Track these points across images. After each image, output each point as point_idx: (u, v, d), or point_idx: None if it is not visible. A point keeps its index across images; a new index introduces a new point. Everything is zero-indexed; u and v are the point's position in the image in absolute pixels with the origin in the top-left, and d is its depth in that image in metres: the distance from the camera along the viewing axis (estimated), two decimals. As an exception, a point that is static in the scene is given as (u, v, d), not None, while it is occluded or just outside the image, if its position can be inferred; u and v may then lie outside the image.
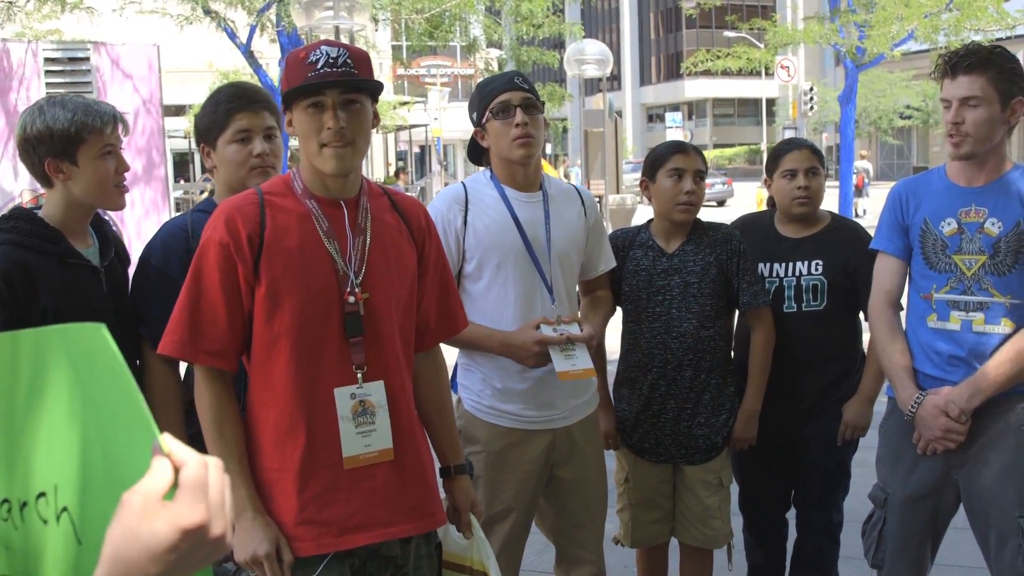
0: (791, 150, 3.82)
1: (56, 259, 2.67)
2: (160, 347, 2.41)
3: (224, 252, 2.35)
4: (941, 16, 20.56)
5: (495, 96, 3.16)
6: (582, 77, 21.45)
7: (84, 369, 1.12)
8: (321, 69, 2.35)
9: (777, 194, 3.82)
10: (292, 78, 2.38)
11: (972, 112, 3.03)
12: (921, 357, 3.22)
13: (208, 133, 2.93)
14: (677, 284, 3.57)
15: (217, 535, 1.00)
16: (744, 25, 30.80)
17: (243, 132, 2.90)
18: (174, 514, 0.97)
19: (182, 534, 0.97)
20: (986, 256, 3.09)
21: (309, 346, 2.39)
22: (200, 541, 0.98)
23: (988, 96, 3.02)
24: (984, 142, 3.05)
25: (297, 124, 2.41)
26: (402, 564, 2.53)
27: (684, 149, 3.64)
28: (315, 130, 2.38)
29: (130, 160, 2.88)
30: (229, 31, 20.09)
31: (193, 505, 0.98)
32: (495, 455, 3.18)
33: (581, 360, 3.16)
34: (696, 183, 3.57)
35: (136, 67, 8.86)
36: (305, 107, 2.38)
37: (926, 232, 3.19)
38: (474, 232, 3.18)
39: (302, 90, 2.37)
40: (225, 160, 2.91)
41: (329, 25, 14.21)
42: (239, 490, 2.35)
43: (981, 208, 3.10)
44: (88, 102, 2.75)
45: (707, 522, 3.71)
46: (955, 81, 3.05)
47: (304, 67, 2.36)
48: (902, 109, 44.91)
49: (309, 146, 2.40)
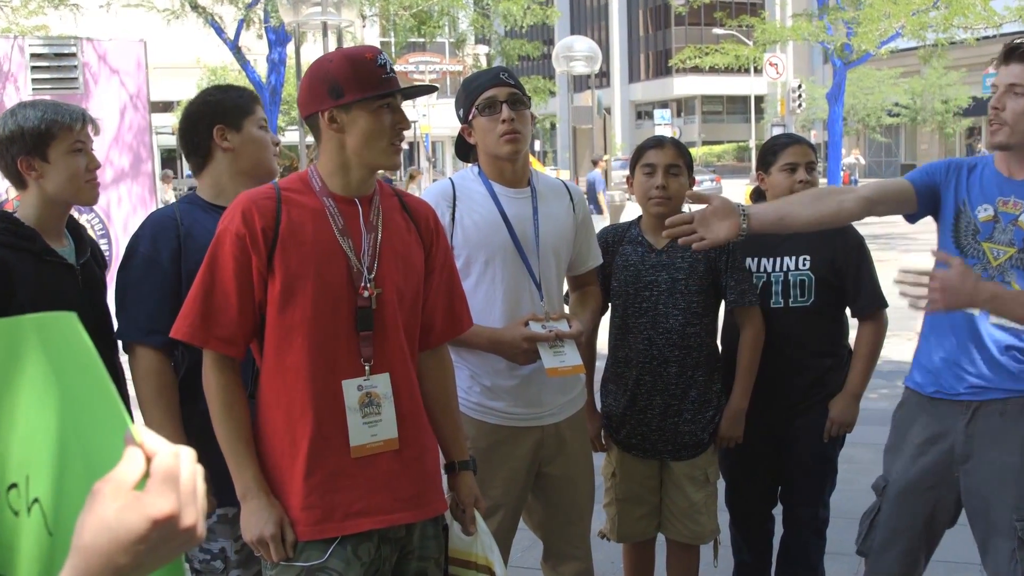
0: (790, 144, 3.81)
1: (32, 257, 2.73)
2: (172, 331, 2.47)
3: (240, 243, 2.42)
4: (929, 14, 20.64)
5: (481, 92, 3.16)
6: (570, 74, 21.46)
7: (57, 358, 1.11)
8: (390, 73, 2.50)
9: (774, 188, 3.78)
10: (365, 77, 2.45)
11: (1015, 101, 2.93)
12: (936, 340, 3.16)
13: (233, 113, 2.98)
14: (665, 280, 3.57)
15: (188, 526, 1.00)
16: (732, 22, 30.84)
17: (264, 120, 3.05)
18: (144, 504, 0.97)
19: (152, 524, 0.96)
20: (1015, 249, 3.01)
21: (320, 338, 2.45)
22: (170, 532, 0.98)
23: None
24: (1022, 135, 2.95)
25: (363, 122, 2.47)
26: (406, 544, 2.58)
27: (660, 144, 3.64)
28: (386, 128, 2.49)
29: (117, 156, 2.94)
30: (216, 27, 20.06)
31: (163, 495, 0.98)
32: (483, 452, 3.17)
33: (570, 357, 3.16)
34: (668, 178, 3.57)
35: (123, 63, 8.83)
36: (378, 107, 2.47)
37: (961, 213, 3.11)
38: (462, 229, 3.17)
39: (390, 93, 2.48)
40: (253, 140, 2.99)
41: (317, 21, 14.19)
42: (246, 471, 2.44)
43: (1020, 201, 3.01)
44: (58, 103, 2.86)
45: (694, 518, 3.71)
46: (1007, 67, 2.97)
47: (376, 68, 2.47)
48: (890, 107, 45.01)
49: (378, 143, 2.49)
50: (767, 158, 3.85)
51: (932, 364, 3.17)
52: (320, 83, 2.48)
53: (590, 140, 21.02)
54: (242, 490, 2.44)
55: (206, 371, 2.48)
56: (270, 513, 2.41)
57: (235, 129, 2.96)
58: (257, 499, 2.42)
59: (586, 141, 21.27)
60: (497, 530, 3.20)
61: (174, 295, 2.73)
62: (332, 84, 2.45)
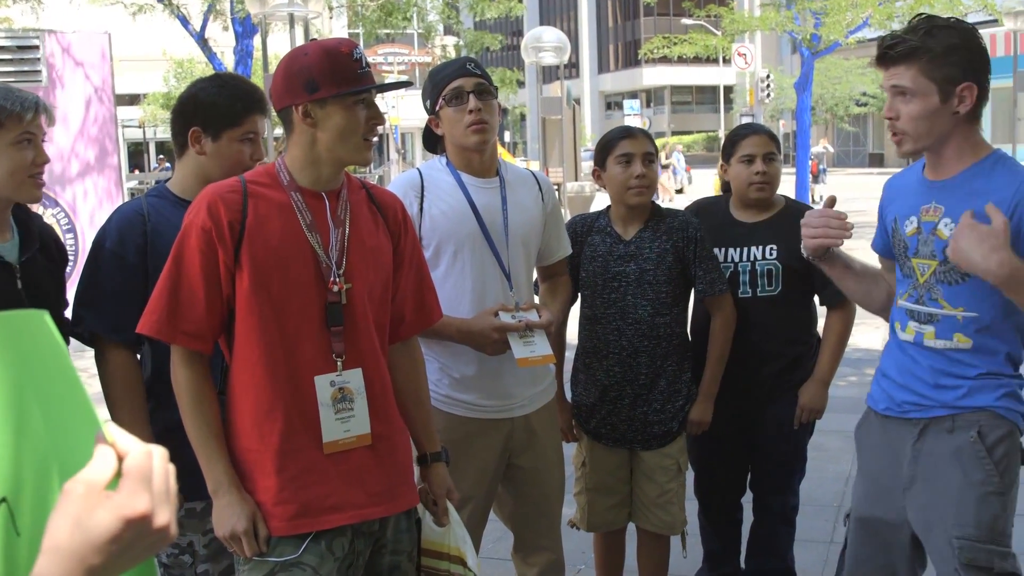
0: (748, 135, 3.83)
1: None
2: (139, 326, 2.44)
3: (205, 237, 2.39)
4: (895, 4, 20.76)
5: (447, 83, 3.14)
6: (539, 64, 21.45)
7: (26, 356, 1.10)
8: (366, 68, 2.46)
9: (734, 179, 3.82)
10: (342, 72, 2.42)
11: (906, 106, 2.67)
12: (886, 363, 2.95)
13: (214, 121, 2.85)
14: (633, 271, 3.57)
15: (161, 525, 0.99)
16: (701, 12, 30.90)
17: (253, 134, 2.90)
18: (117, 504, 0.96)
19: (125, 524, 0.96)
20: (937, 262, 2.73)
21: (289, 334, 2.43)
22: (143, 531, 0.97)
23: (921, 88, 2.63)
24: (926, 138, 2.68)
25: (338, 117, 2.44)
26: (380, 538, 2.57)
27: (632, 134, 3.65)
28: (360, 124, 2.46)
29: (82, 150, 2.83)
30: (182, 19, 19.87)
31: (136, 494, 0.97)
32: (453, 444, 3.16)
33: (540, 347, 3.16)
34: (646, 166, 3.57)
35: (87, 55, 8.76)
36: (354, 102, 2.44)
37: (895, 231, 2.89)
38: (430, 219, 3.16)
39: (367, 88, 2.45)
40: (226, 155, 2.86)
41: (283, 12, 14.10)
42: (217, 466, 2.42)
43: (939, 206, 2.74)
44: (10, 88, 2.63)
45: (665, 507, 3.72)
46: (886, 71, 2.70)
47: (352, 63, 2.44)
48: (858, 96, 45.25)
49: (351, 139, 2.46)
50: (728, 149, 3.87)
51: (884, 379, 2.95)
52: (295, 76, 2.44)
53: (559, 131, 21.02)
54: (213, 485, 2.42)
55: (174, 367, 2.46)
56: (242, 508, 2.39)
57: (211, 138, 2.86)
58: (229, 494, 2.40)
59: (555, 132, 21.27)
60: (468, 522, 3.19)
61: (141, 291, 2.69)
62: (308, 78, 2.42)
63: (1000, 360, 2.75)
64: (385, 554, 2.59)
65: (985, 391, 2.74)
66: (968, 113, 2.67)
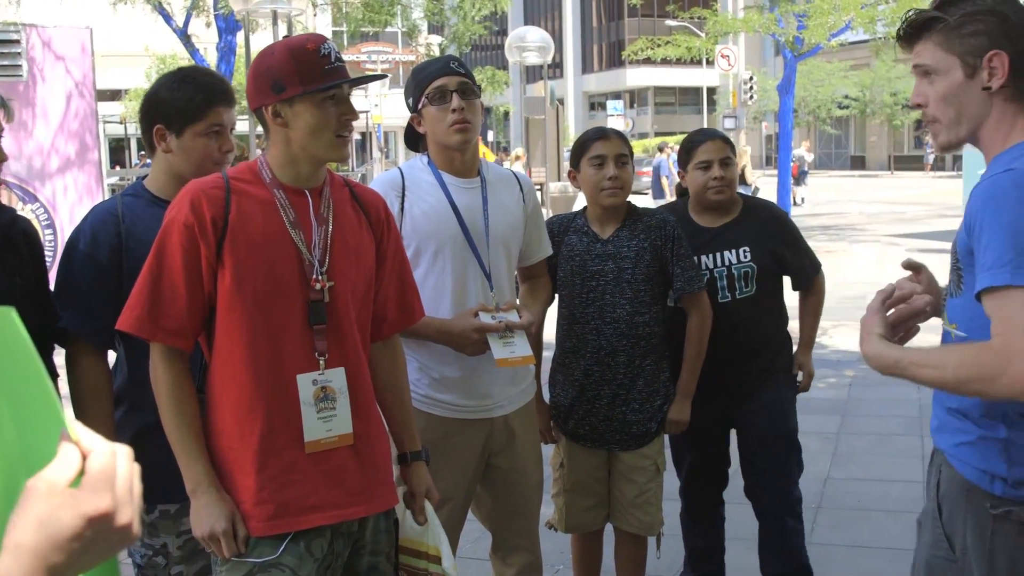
0: (704, 141, 3.85)
1: None
2: (119, 323, 2.42)
3: (188, 233, 2.37)
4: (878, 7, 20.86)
5: (431, 81, 3.14)
6: (523, 64, 21.47)
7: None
8: (335, 63, 2.43)
9: (692, 185, 3.85)
10: (307, 70, 2.40)
11: (932, 87, 2.24)
12: None
13: (175, 118, 2.81)
14: (611, 270, 3.58)
15: (123, 524, 0.98)
16: (685, 14, 30.99)
17: (218, 126, 2.84)
18: (79, 502, 0.95)
19: (86, 522, 0.95)
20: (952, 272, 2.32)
21: (271, 332, 2.42)
22: (105, 530, 0.97)
23: (942, 64, 2.21)
24: (958, 124, 2.23)
25: (308, 115, 2.42)
26: (359, 539, 2.56)
27: (604, 135, 3.65)
28: (331, 120, 2.43)
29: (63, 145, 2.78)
30: (165, 14, 19.80)
31: (99, 493, 0.96)
32: (432, 444, 3.16)
33: (520, 347, 3.16)
34: (620, 167, 3.58)
35: (68, 49, 8.72)
36: (322, 99, 2.42)
37: None
38: (411, 219, 3.15)
39: (334, 84, 2.42)
40: (192, 151, 2.81)
41: (267, 9, 14.04)
42: (196, 465, 2.39)
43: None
44: None
45: (643, 508, 3.73)
46: (911, 51, 2.31)
47: (319, 59, 2.41)
48: (840, 99, 45.54)
49: (323, 136, 2.44)
50: (684, 156, 3.88)
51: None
52: (262, 77, 2.43)
53: (543, 131, 21.04)
54: (192, 485, 2.40)
55: (154, 364, 2.44)
56: (221, 508, 2.37)
57: (175, 134, 2.82)
58: (207, 494, 2.38)
59: (539, 132, 21.29)
60: (446, 522, 3.19)
61: (114, 293, 2.67)
62: (274, 78, 2.41)
63: (975, 400, 2.18)
64: (364, 554, 2.58)
65: (946, 431, 2.31)
66: (1006, 88, 2.17)
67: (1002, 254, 1.97)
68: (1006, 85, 2.16)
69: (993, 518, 2.18)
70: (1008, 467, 2.15)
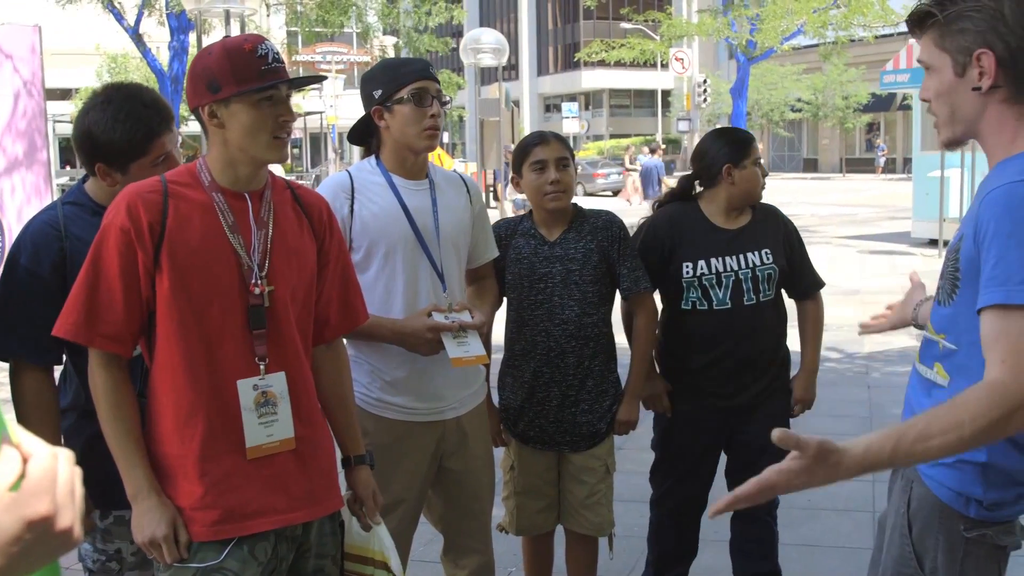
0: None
1: None
2: (55, 329, 2.38)
3: (124, 238, 2.34)
4: (829, 12, 21.12)
5: (412, 80, 3.12)
6: (478, 66, 21.46)
7: None
8: (272, 63, 2.40)
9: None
10: (243, 70, 2.37)
11: (930, 81, 2.15)
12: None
13: (117, 158, 2.71)
14: (559, 272, 3.58)
15: (63, 528, 0.97)
16: (639, 17, 31.15)
17: (164, 155, 2.76)
18: (18, 505, 0.94)
19: (26, 525, 0.94)
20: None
21: (210, 337, 2.40)
22: (45, 534, 0.96)
23: (935, 60, 2.11)
24: (951, 123, 2.13)
25: (244, 116, 2.39)
26: (303, 542, 2.55)
27: (544, 140, 3.64)
28: (268, 121, 2.40)
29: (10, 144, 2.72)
30: (116, 13, 19.57)
31: (39, 496, 0.95)
32: (384, 448, 3.15)
33: (474, 347, 3.16)
34: (561, 171, 3.57)
35: (16, 47, 8.58)
36: (258, 100, 2.39)
37: None
38: (361, 221, 3.14)
39: (271, 85, 2.39)
40: (140, 178, 2.62)
41: (219, 8, 13.92)
42: (136, 471, 2.37)
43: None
44: None
45: (594, 509, 3.74)
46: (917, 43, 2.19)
47: (255, 60, 2.38)
48: (793, 102, 45.97)
49: (259, 137, 2.41)
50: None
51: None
52: (199, 77, 2.41)
53: (498, 133, 21.05)
54: (133, 490, 2.38)
55: (92, 370, 2.41)
56: (162, 513, 2.36)
57: (120, 171, 2.73)
58: (148, 499, 2.37)
59: (493, 134, 21.30)
60: (398, 525, 3.19)
61: (58, 310, 2.61)
62: (210, 78, 2.38)
63: None
64: (309, 558, 2.57)
65: None
66: (1001, 89, 2.04)
67: (1016, 271, 1.86)
68: (999, 86, 2.03)
69: (966, 541, 2.15)
70: (984, 490, 2.10)
